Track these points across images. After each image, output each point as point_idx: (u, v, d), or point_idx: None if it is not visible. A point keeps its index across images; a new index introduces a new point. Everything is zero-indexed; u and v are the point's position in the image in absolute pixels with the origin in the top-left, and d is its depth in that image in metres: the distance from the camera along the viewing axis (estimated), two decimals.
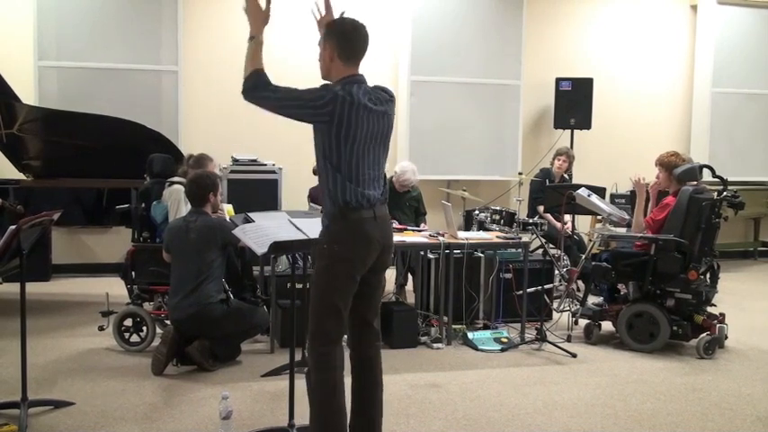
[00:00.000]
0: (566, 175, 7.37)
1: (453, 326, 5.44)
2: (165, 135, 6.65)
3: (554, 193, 6.41)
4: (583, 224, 7.69)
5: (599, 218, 6.63)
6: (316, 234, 3.38)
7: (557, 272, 6.35)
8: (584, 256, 5.69)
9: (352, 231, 3.03)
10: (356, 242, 3.03)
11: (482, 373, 4.70)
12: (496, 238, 5.67)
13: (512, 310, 5.73)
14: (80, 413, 3.88)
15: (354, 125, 2.98)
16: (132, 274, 5.26)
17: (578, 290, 6.42)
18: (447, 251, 5.38)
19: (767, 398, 4.36)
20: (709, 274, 5.47)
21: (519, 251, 5.83)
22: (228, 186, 7.10)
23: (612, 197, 7.89)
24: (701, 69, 9.30)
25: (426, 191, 7.22)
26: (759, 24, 9.39)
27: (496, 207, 6.50)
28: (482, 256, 5.88)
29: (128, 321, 5.08)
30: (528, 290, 5.55)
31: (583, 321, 5.57)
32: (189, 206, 4.89)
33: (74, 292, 6.96)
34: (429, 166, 8.11)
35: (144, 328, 5.06)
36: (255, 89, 3.01)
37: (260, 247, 3.35)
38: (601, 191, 6.43)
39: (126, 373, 4.55)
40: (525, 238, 5.86)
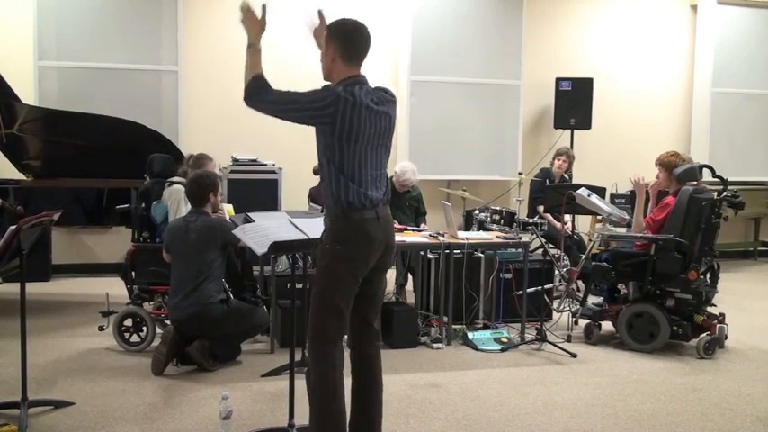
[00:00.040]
0: (566, 175, 7.37)
1: (453, 326, 5.44)
2: (165, 135, 6.66)
3: (554, 193, 6.41)
4: (583, 224, 7.68)
5: (599, 218, 6.63)
6: (316, 234, 3.38)
7: (557, 272, 6.35)
8: (584, 256, 5.68)
9: (355, 231, 3.03)
10: (359, 242, 3.03)
11: (482, 373, 4.70)
12: (496, 238, 5.67)
13: (512, 310, 5.73)
14: (80, 413, 3.88)
15: (357, 126, 2.98)
16: (132, 274, 5.26)
17: (578, 290, 6.42)
18: (447, 251, 5.38)
19: (767, 398, 4.36)
20: (709, 274, 5.47)
21: (519, 251, 5.83)
22: (228, 186, 7.10)
23: (612, 197, 7.88)
24: (700, 69, 9.30)
25: (426, 191, 7.22)
26: (759, 24, 9.40)
27: (496, 207, 6.49)
28: (482, 256, 5.88)
29: (128, 321, 5.08)
30: (528, 290, 5.55)
31: (583, 321, 5.57)
32: (189, 206, 4.89)
33: (74, 292, 6.95)
34: (429, 166, 8.11)
35: (144, 328, 5.06)
36: (257, 94, 3.02)
37: (260, 247, 3.35)
38: (601, 191, 6.43)
39: (126, 373, 4.55)
40: (525, 238, 5.86)
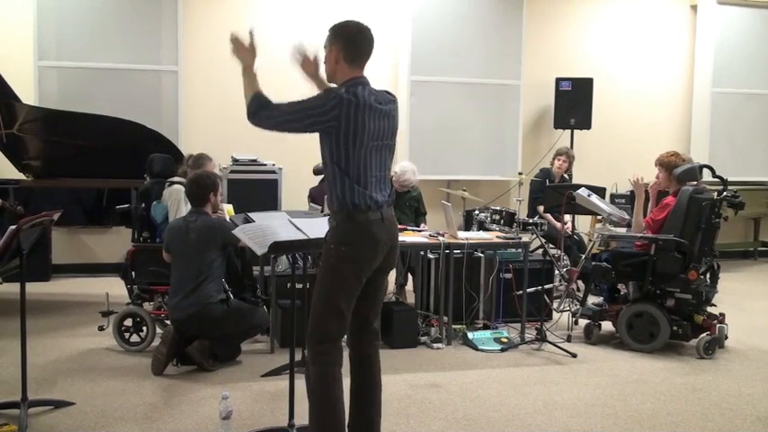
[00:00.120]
0: (566, 175, 7.37)
1: (453, 326, 5.44)
2: (165, 135, 6.66)
3: (554, 193, 6.41)
4: (583, 224, 7.68)
5: (599, 218, 6.63)
6: (316, 234, 3.39)
7: (557, 272, 6.35)
8: (584, 256, 5.68)
9: (360, 233, 3.03)
10: (363, 243, 3.03)
11: (482, 373, 4.70)
12: (496, 238, 5.67)
13: (512, 310, 5.73)
14: (80, 413, 3.88)
15: (361, 126, 2.98)
16: (132, 274, 5.26)
17: (578, 290, 6.41)
18: (447, 251, 5.38)
19: (767, 398, 4.36)
20: (709, 274, 5.47)
21: (519, 251, 5.82)
22: (228, 186, 7.10)
23: (612, 197, 7.88)
24: (700, 69, 9.30)
25: (426, 191, 7.22)
26: (759, 24, 9.39)
27: (496, 207, 6.49)
28: (482, 256, 5.88)
29: (128, 321, 5.08)
30: (528, 290, 5.55)
31: (583, 321, 5.57)
32: (189, 206, 4.89)
33: (74, 292, 6.95)
34: (429, 166, 8.10)
35: (144, 328, 5.06)
36: (259, 110, 3.03)
37: (260, 248, 3.35)
38: (601, 191, 6.43)
39: (126, 373, 4.55)
40: (525, 238, 5.86)
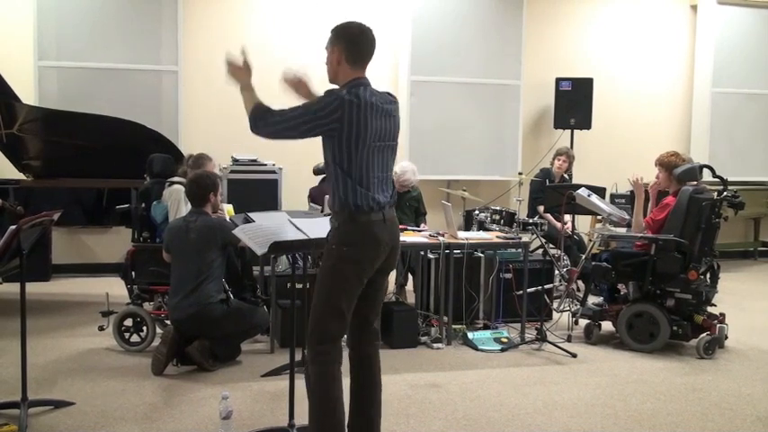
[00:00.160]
0: (566, 175, 7.36)
1: (453, 326, 5.44)
2: (165, 135, 6.65)
3: (554, 193, 6.41)
4: (583, 224, 7.68)
5: (599, 218, 6.63)
6: (316, 234, 3.38)
7: (557, 272, 6.35)
8: (584, 256, 5.68)
9: (362, 234, 3.03)
10: (365, 244, 3.04)
11: (482, 373, 4.70)
12: (496, 238, 5.67)
13: (512, 310, 5.73)
14: (80, 413, 3.88)
15: (364, 127, 2.98)
16: (132, 274, 5.26)
17: (578, 290, 6.42)
18: (447, 251, 5.38)
19: (767, 398, 4.36)
20: (709, 274, 5.47)
21: (519, 251, 5.82)
22: (228, 186, 7.10)
23: (612, 197, 7.88)
24: (700, 69, 9.30)
25: (426, 191, 7.22)
26: (759, 24, 9.39)
27: (496, 207, 6.49)
28: (482, 256, 5.88)
29: (128, 321, 5.08)
30: (528, 290, 5.55)
31: (583, 321, 5.57)
32: (189, 206, 4.89)
33: (74, 292, 6.95)
34: (429, 166, 8.10)
35: (144, 328, 5.06)
36: (262, 119, 3.03)
37: (260, 247, 3.34)
38: (601, 191, 6.43)
39: (126, 373, 4.55)
40: (525, 238, 5.86)
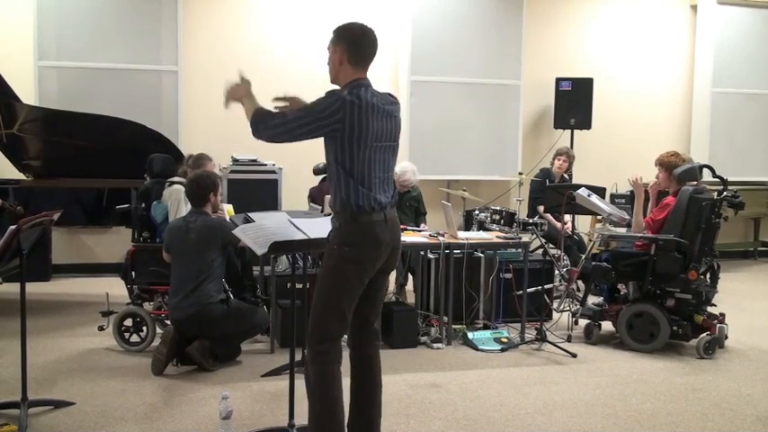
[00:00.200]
0: (566, 175, 7.36)
1: (453, 326, 5.44)
2: (165, 135, 6.65)
3: (554, 193, 6.41)
4: (583, 224, 7.68)
5: (599, 218, 6.63)
6: (316, 234, 3.38)
7: (557, 272, 6.35)
8: (584, 256, 5.68)
9: (364, 234, 3.03)
10: (367, 244, 3.04)
11: (482, 373, 4.70)
12: (496, 238, 5.67)
13: (512, 310, 5.73)
14: (80, 413, 3.88)
15: (365, 127, 2.98)
16: (132, 274, 5.26)
17: (578, 290, 6.42)
18: (447, 251, 5.38)
19: (767, 398, 4.36)
20: (709, 274, 5.47)
21: (519, 251, 5.82)
22: (228, 186, 7.09)
23: (612, 197, 7.88)
24: (700, 69, 9.29)
25: (426, 191, 7.22)
26: (759, 24, 9.39)
27: (496, 207, 6.50)
28: (482, 256, 5.88)
29: (128, 321, 5.08)
30: (528, 290, 5.55)
31: (583, 321, 5.56)
32: (189, 206, 4.89)
33: (74, 292, 6.95)
34: (429, 166, 8.10)
35: (144, 328, 5.06)
36: (262, 122, 3.04)
37: (260, 247, 3.34)
38: (601, 191, 6.43)
39: (126, 373, 4.55)
40: (525, 238, 5.87)
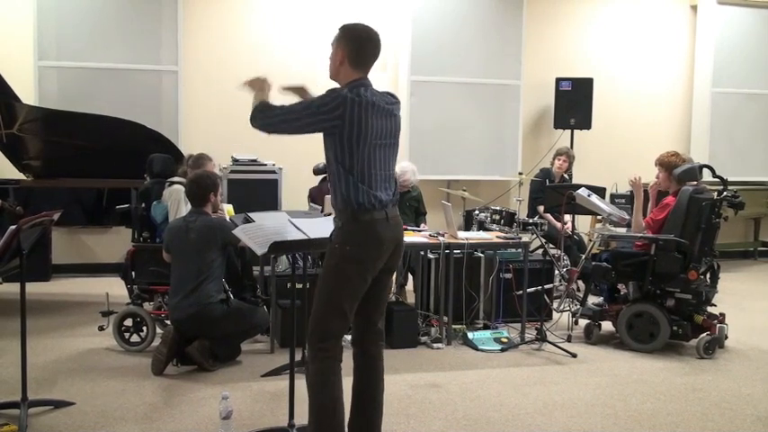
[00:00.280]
0: (566, 175, 7.37)
1: (453, 326, 5.44)
2: (165, 135, 6.66)
3: (554, 193, 6.41)
4: (583, 224, 7.68)
5: (599, 218, 6.63)
6: (316, 234, 3.39)
7: (557, 272, 6.35)
8: (584, 256, 5.68)
9: (365, 233, 3.03)
10: (369, 244, 3.03)
11: (482, 373, 4.70)
12: (496, 238, 5.67)
13: (512, 310, 5.73)
14: (80, 413, 3.88)
15: (366, 125, 2.98)
16: (132, 274, 5.26)
17: (578, 290, 6.42)
18: (447, 251, 5.38)
19: (767, 398, 4.36)
20: (709, 274, 5.46)
21: (519, 251, 5.82)
22: (228, 186, 7.10)
23: (612, 197, 7.88)
24: (700, 69, 9.29)
25: (426, 191, 7.22)
26: (759, 24, 9.39)
27: (496, 207, 6.49)
28: (482, 256, 5.88)
29: (128, 321, 5.08)
30: (528, 290, 5.55)
31: (583, 321, 5.56)
32: (189, 206, 4.89)
33: (74, 292, 6.95)
34: (429, 166, 8.10)
35: (144, 328, 5.06)
36: (263, 111, 3.06)
37: (260, 247, 3.34)
38: (601, 191, 6.43)
39: (126, 373, 4.55)
40: (525, 238, 5.87)
